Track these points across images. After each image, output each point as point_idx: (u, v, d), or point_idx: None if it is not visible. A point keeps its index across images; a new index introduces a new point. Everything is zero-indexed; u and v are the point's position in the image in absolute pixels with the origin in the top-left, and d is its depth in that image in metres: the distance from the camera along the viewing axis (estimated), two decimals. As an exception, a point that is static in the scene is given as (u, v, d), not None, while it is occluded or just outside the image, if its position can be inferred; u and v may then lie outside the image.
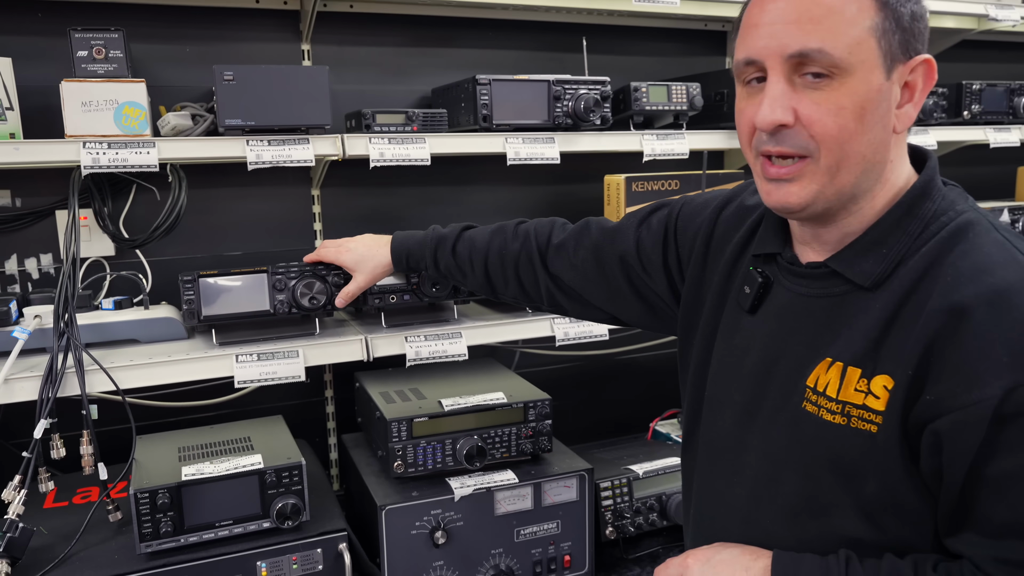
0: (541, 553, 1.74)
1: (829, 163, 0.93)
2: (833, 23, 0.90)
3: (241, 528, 1.50)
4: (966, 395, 0.87)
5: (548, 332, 1.89)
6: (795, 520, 1.01)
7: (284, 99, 1.69)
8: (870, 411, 0.94)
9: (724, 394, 1.12)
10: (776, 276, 1.09)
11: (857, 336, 0.96)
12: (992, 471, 0.88)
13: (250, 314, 1.65)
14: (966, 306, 0.88)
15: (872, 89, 0.92)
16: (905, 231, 0.96)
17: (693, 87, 2.10)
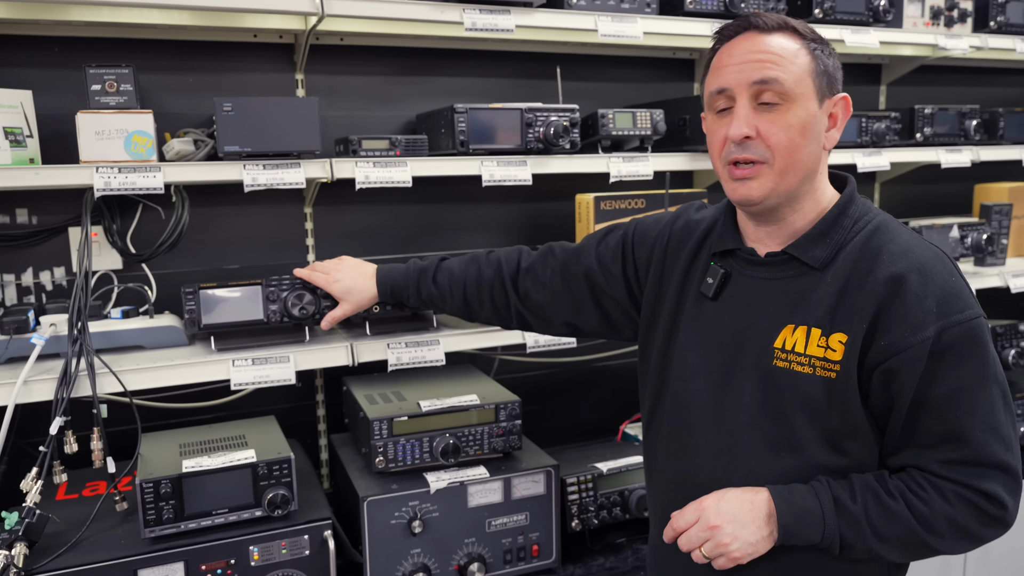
0: (511, 543, 1.90)
1: (780, 167, 1.25)
2: (784, 62, 1.23)
3: (235, 516, 1.66)
4: (911, 337, 1.18)
5: (520, 340, 2.05)
6: (776, 456, 1.28)
7: (278, 127, 1.85)
8: (830, 361, 1.23)
9: (694, 368, 1.38)
10: (734, 268, 1.37)
11: (814, 305, 1.26)
12: (930, 395, 1.19)
13: (246, 323, 1.82)
14: (902, 275, 1.21)
15: (810, 114, 1.25)
16: (841, 226, 1.29)
17: (657, 113, 2.27)
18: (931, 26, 2.68)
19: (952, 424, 1.20)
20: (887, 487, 1.24)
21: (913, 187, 3.08)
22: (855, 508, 1.22)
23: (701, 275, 1.41)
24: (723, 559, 1.25)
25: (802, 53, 1.24)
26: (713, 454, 1.34)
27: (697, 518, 1.27)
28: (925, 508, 1.22)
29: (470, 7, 2.00)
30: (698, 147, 2.33)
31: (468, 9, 2.00)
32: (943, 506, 1.21)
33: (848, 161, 2.51)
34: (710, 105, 1.31)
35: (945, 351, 1.19)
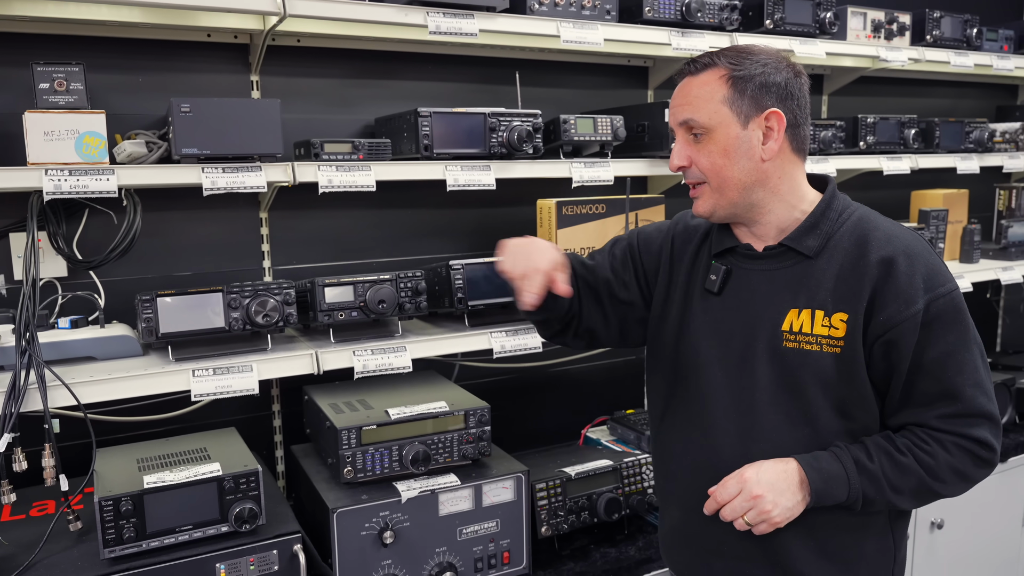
0: (482, 551, 1.88)
1: (715, 185, 1.43)
2: (698, 102, 1.41)
3: (200, 532, 1.60)
4: (906, 311, 1.35)
5: (486, 345, 2.04)
6: (794, 428, 1.42)
7: (237, 129, 1.80)
8: (834, 339, 1.38)
9: (707, 357, 1.50)
10: (734, 264, 1.50)
11: (814, 289, 1.41)
12: (924, 360, 1.36)
13: (206, 331, 1.75)
14: (892, 258, 1.37)
15: (731, 137, 1.40)
16: (828, 219, 1.44)
17: (617, 119, 2.29)
18: (872, 39, 2.79)
19: (945, 383, 1.36)
20: (896, 445, 1.38)
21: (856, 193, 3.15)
22: (873, 467, 1.37)
23: (704, 273, 1.55)
24: (764, 525, 1.37)
25: (722, 87, 1.39)
26: (736, 433, 1.46)
27: (740, 490, 1.37)
28: (931, 459, 1.37)
29: (434, 10, 1.99)
30: (656, 153, 2.36)
31: (432, 12, 1.98)
32: (945, 456, 1.37)
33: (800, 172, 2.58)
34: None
35: (933, 320, 1.36)
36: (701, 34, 2.37)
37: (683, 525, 1.57)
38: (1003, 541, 2.87)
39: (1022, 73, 3.17)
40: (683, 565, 1.61)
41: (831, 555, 1.44)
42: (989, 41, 3.06)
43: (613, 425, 2.46)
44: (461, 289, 2.00)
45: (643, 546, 2.08)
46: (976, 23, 2.97)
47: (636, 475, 2.12)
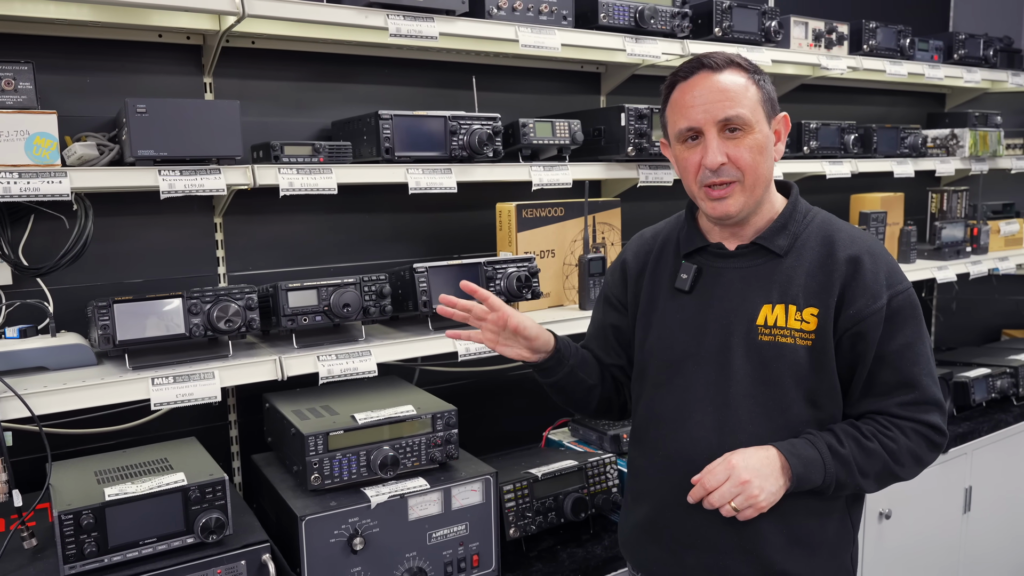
0: (452, 554, 1.87)
1: (749, 183, 1.46)
2: (741, 98, 1.44)
3: (165, 545, 1.55)
4: (872, 305, 1.44)
5: (451, 348, 2.03)
6: (769, 417, 1.48)
7: (195, 131, 1.76)
8: (806, 332, 1.46)
9: (682, 353, 1.55)
10: (704, 264, 1.56)
11: (786, 286, 1.49)
12: (886, 351, 1.45)
13: (166, 338, 1.70)
14: (858, 256, 1.47)
15: (764, 135, 1.47)
16: (795, 220, 1.53)
17: (574, 123, 2.32)
18: (814, 47, 2.89)
19: (904, 373, 1.46)
20: (862, 431, 1.47)
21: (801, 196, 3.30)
22: (845, 452, 1.44)
23: (670, 274, 1.61)
24: (751, 510, 1.41)
25: (751, 85, 1.46)
26: (712, 425, 1.50)
27: (728, 475, 1.41)
28: (893, 444, 1.46)
29: (394, 13, 1.98)
30: (612, 156, 2.40)
31: (392, 15, 1.98)
32: (905, 441, 1.46)
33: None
34: (677, 138, 1.51)
35: (894, 315, 1.46)
36: (654, 40, 2.42)
37: (653, 520, 1.59)
38: (945, 529, 2.99)
39: (951, 82, 3.33)
40: (650, 561, 1.63)
41: (799, 540, 1.50)
42: (921, 51, 3.21)
43: (575, 426, 2.48)
44: (425, 292, 1.99)
45: (609, 545, 2.10)
46: (908, 34, 3.11)
47: (601, 475, 2.14)
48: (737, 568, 1.50)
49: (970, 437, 2.97)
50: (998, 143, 3.44)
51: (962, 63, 3.35)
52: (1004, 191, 3.90)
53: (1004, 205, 3.76)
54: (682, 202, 2.20)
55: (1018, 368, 3.14)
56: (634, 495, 1.67)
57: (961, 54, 3.32)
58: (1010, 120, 3.92)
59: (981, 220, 3.46)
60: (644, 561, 1.65)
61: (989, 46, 3.42)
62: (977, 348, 3.76)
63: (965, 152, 3.34)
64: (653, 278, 1.64)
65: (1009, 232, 3.61)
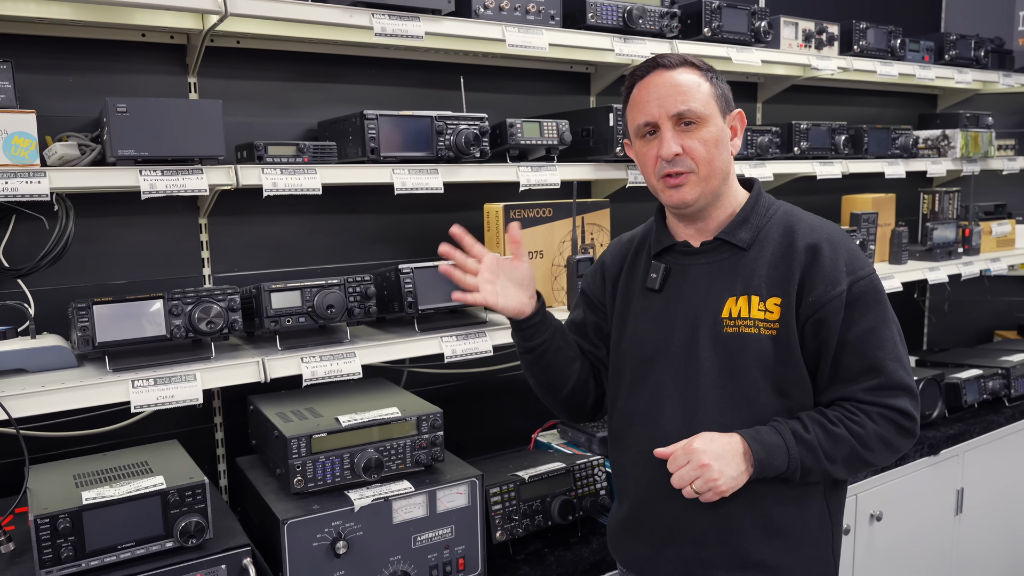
0: (437, 558, 1.85)
1: (704, 173, 1.51)
2: (694, 93, 1.50)
3: (144, 549, 1.53)
4: (832, 291, 1.47)
5: (437, 349, 2.01)
6: (737, 408, 1.50)
7: (177, 131, 1.74)
8: (770, 322, 1.49)
9: (652, 350, 1.58)
10: (672, 262, 1.60)
11: (749, 278, 1.52)
12: (849, 337, 1.47)
13: (147, 339, 1.69)
14: (817, 244, 1.50)
15: (719, 128, 1.52)
16: (757, 214, 1.57)
17: (563, 123, 2.31)
18: (804, 47, 2.88)
19: (868, 358, 1.47)
20: (828, 417, 1.48)
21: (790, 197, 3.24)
22: (809, 437, 1.45)
23: (643, 275, 1.65)
24: (711, 493, 1.43)
25: (703, 82, 1.52)
26: (682, 419, 1.53)
27: (688, 460, 1.43)
28: (860, 429, 1.46)
29: (380, 12, 1.97)
30: (601, 157, 2.38)
31: (378, 14, 1.96)
32: (872, 426, 1.47)
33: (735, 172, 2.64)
34: (636, 133, 1.57)
35: (855, 300, 1.48)
36: (643, 40, 2.41)
37: (633, 516, 1.63)
38: (937, 531, 2.98)
39: (942, 82, 3.32)
40: (631, 556, 1.66)
41: (778, 532, 1.52)
42: (912, 52, 3.20)
43: (563, 428, 2.46)
44: (411, 293, 1.97)
45: (597, 548, 2.09)
46: (899, 34, 3.11)
47: (589, 477, 2.12)
48: (715, 559, 1.53)
49: (962, 438, 2.95)
50: (989, 144, 3.43)
51: (953, 64, 3.34)
52: (996, 192, 3.90)
53: (996, 206, 3.76)
54: None
55: (1010, 369, 3.13)
56: (618, 493, 1.72)
57: (952, 55, 3.32)
58: (1002, 121, 3.92)
59: (973, 221, 3.45)
60: (627, 557, 1.68)
61: (980, 47, 3.41)
62: (969, 349, 3.75)
63: (956, 153, 3.33)
64: (628, 279, 1.68)
65: (1001, 233, 3.61)
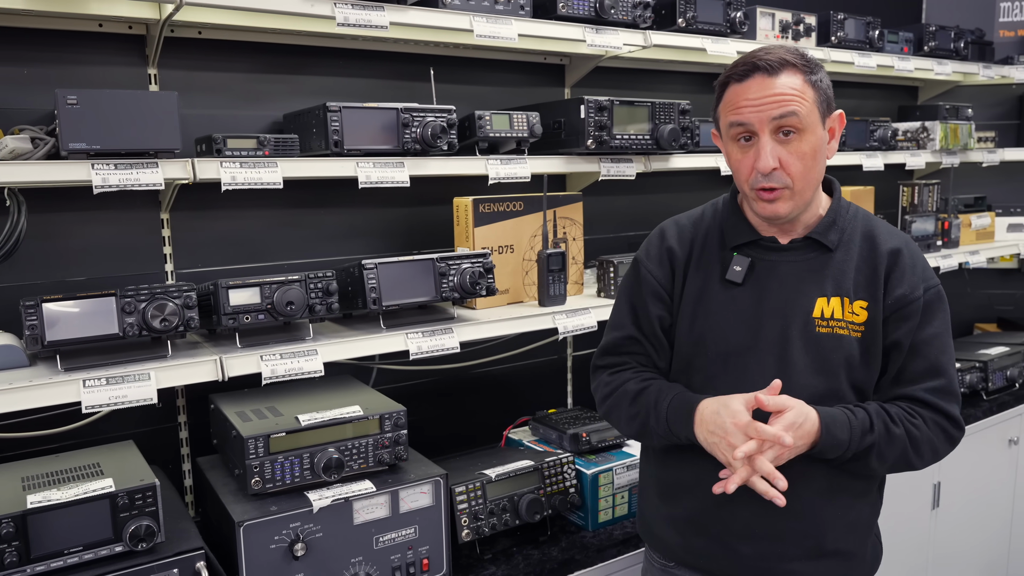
0: (400, 559, 1.82)
1: (799, 188, 1.50)
2: (796, 102, 1.45)
3: (92, 554, 1.49)
4: (911, 295, 1.53)
5: (402, 346, 1.97)
6: (819, 403, 1.50)
7: (131, 123, 1.69)
8: (856, 324, 1.54)
9: (739, 346, 1.56)
10: (756, 256, 1.60)
11: (840, 279, 1.55)
12: (919, 340, 1.53)
13: (98, 338, 1.64)
14: (899, 249, 1.56)
15: (818, 138, 1.49)
16: (841, 216, 1.60)
17: (533, 116, 2.27)
18: (781, 38, 2.85)
19: (933, 361, 1.53)
20: (891, 415, 1.51)
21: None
22: (871, 438, 1.48)
23: (720, 265, 1.62)
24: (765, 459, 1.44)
25: (807, 87, 1.47)
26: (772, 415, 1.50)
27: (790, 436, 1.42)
28: (916, 432, 1.51)
29: (342, 2, 1.92)
30: (573, 150, 2.35)
31: (340, 4, 1.92)
32: (927, 431, 1.52)
33: (712, 165, 2.62)
34: (729, 134, 1.54)
35: (927, 306, 1.54)
36: (615, 31, 2.37)
37: (700, 513, 1.61)
38: (914, 526, 2.97)
39: (921, 74, 3.30)
40: (695, 555, 1.64)
41: (852, 523, 1.58)
42: (890, 43, 3.17)
43: (535, 425, 2.43)
44: (375, 289, 1.94)
45: (566, 547, 2.06)
46: (878, 25, 3.08)
47: (558, 475, 2.09)
48: (793, 552, 1.55)
49: (939, 433, 2.94)
50: (969, 136, 3.41)
51: (932, 55, 3.32)
52: (976, 184, 3.88)
53: (976, 199, 3.74)
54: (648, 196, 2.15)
55: (987, 363, 3.12)
56: (668, 489, 1.68)
57: (931, 46, 3.29)
58: (983, 113, 3.91)
59: (952, 214, 3.43)
60: (687, 555, 1.66)
61: (960, 38, 3.39)
62: (949, 343, 3.73)
63: (936, 145, 3.31)
64: (699, 267, 1.64)
65: (980, 226, 3.59)
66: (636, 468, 2.21)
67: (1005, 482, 3.26)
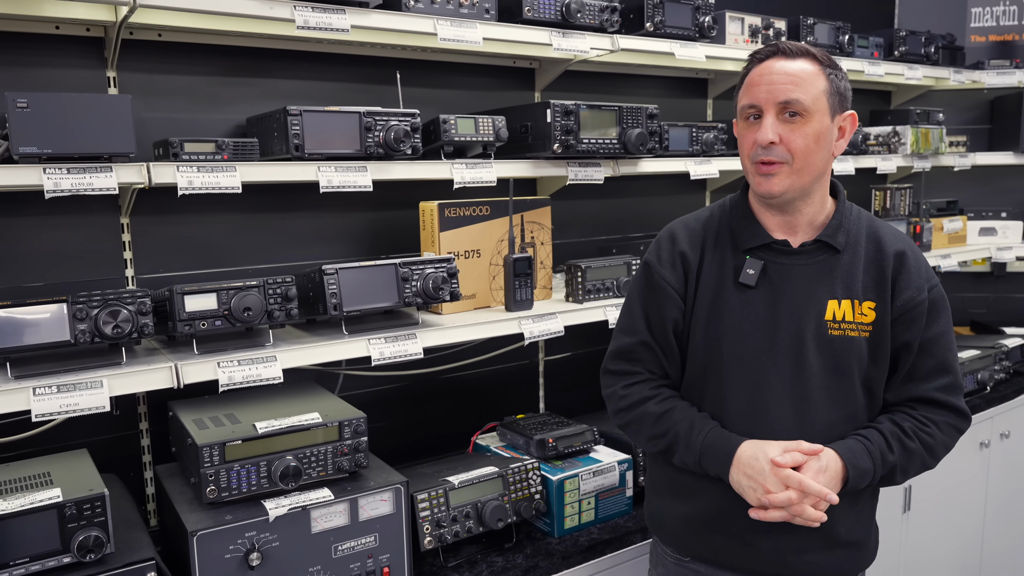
0: (360, 567, 1.80)
1: (797, 167, 1.53)
2: (805, 85, 1.51)
3: (39, 565, 1.46)
4: (918, 296, 1.59)
5: (364, 352, 1.95)
6: (841, 407, 1.59)
7: (84, 127, 1.67)
8: (865, 325, 1.59)
9: (754, 350, 1.60)
10: (769, 260, 1.63)
11: (848, 282, 1.60)
12: (926, 339, 1.60)
13: (48, 345, 1.61)
14: (904, 252, 1.62)
15: (823, 126, 1.54)
16: (848, 218, 1.64)
17: (499, 120, 2.26)
18: (750, 43, 2.85)
19: (940, 358, 1.61)
20: (905, 431, 1.58)
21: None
22: (892, 459, 1.56)
23: (731, 267, 1.65)
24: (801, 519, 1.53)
25: (820, 76, 1.53)
26: (792, 419, 1.59)
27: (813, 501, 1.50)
28: (931, 440, 1.59)
29: (302, 4, 1.90)
30: (540, 154, 2.33)
31: (300, 6, 1.90)
32: (940, 436, 1.60)
33: (681, 169, 2.61)
34: (741, 114, 1.60)
35: (932, 306, 1.60)
36: (582, 35, 2.37)
37: (720, 511, 1.64)
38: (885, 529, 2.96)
39: (892, 79, 3.31)
40: (715, 551, 1.68)
41: (861, 514, 1.67)
42: (860, 48, 3.19)
43: (503, 431, 2.42)
44: (335, 295, 1.92)
45: (531, 553, 2.05)
46: (848, 30, 3.09)
47: (523, 481, 2.08)
48: (811, 544, 1.61)
49: (910, 436, 2.95)
50: (940, 140, 3.43)
51: (903, 60, 3.33)
52: (948, 189, 3.91)
53: (948, 203, 3.76)
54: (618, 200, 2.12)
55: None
56: (682, 488, 1.71)
57: (902, 51, 3.31)
58: (956, 118, 3.93)
59: (923, 218, 3.44)
60: (706, 552, 1.70)
61: (931, 43, 3.41)
62: (923, 346, 3.75)
63: (907, 149, 3.33)
64: (711, 270, 1.66)
65: (952, 230, 3.61)
66: (602, 474, 2.20)
67: (977, 486, 3.27)
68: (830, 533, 1.61)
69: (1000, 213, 3.87)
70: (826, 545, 1.62)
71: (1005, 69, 3.66)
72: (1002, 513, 3.40)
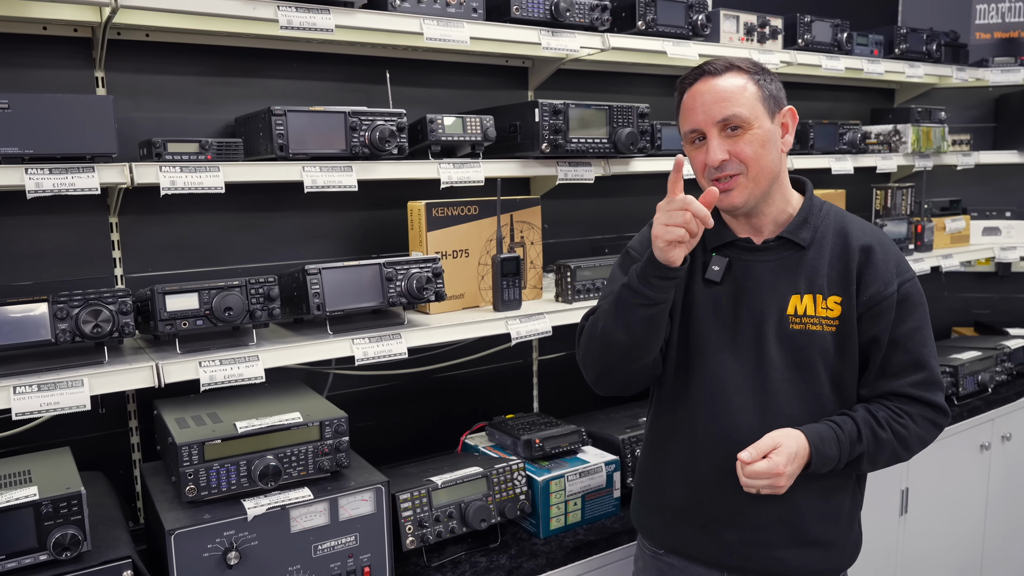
0: (340, 567, 1.80)
1: (753, 174, 1.56)
2: (737, 98, 1.54)
3: (15, 563, 1.47)
4: (885, 291, 1.59)
5: (348, 352, 1.95)
6: (804, 400, 1.61)
7: (67, 127, 1.68)
8: (830, 319, 1.60)
9: (717, 343, 1.64)
10: (733, 256, 1.66)
11: (812, 277, 1.61)
12: (898, 334, 1.59)
13: (29, 344, 1.63)
14: (871, 246, 1.61)
15: (765, 130, 1.56)
16: (814, 214, 1.65)
17: (487, 119, 2.25)
18: (745, 41, 2.83)
19: (915, 354, 1.60)
20: (878, 420, 1.59)
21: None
22: (860, 448, 1.57)
23: (700, 262, 1.69)
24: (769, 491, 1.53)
25: (750, 85, 1.56)
26: (753, 410, 1.61)
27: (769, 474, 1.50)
28: (904, 431, 1.59)
29: (285, 4, 1.90)
30: (528, 153, 2.33)
31: (284, 6, 1.90)
32: (914, 428, 1.61)
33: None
34: (686, 139, 1.63)
35: (904, 300, 1.60)
36: (572, 34, 2.35)
37: (689, 501, 1.69)
38: (882, 532, 2.95)
39: (893, 77, 3.28)
40: (683, 542, 1.73)
41: (831, 513, 1.65)
42: (860, 46, 3.15)
43: (491, 431, 2.42)
44: (318, 295, 1.92)
45: (515, 554, 2.04)
46: (847, 28, 3.06)
47: (507, 482, 2.07)
48: (776, 540, 1.63)
49: (907, 438, 2.92)
50: (942, 139, 3.39)
51: (904, 58, 3.29)
52: (951, 188, 3.86)
53: (951, 202, 3.72)
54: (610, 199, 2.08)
55: (957, 368, 3.10)
56: (654, 479, 1.77)
57: (903, 48, 3.27)
58: (959, 116, 3.88)
59: (925, 217, 3.41)
60: (675, 542, 1.74)
61: (932, 40, 3.37)
62: (925, 347, 3.71)
63: (908, 148, 3.29)
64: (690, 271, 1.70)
65: (955, 229, 3.57)
66: (589, 475, 2.19)
67: (977, 488, 3.24)
68: (796, 528, 1.63)
69: (1004, 212, 3.82)
70: (794, 542, 1.63)
71: (1010, 66, 3.61)
72: (1003, 517, 3.37)
